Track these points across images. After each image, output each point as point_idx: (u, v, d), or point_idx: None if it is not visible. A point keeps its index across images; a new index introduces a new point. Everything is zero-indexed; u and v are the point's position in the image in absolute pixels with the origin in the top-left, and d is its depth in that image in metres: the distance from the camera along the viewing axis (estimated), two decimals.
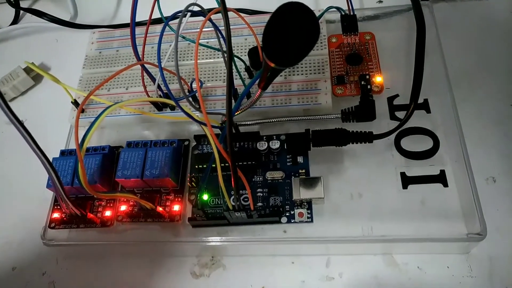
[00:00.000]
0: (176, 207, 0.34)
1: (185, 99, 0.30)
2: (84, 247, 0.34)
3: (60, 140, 0.38)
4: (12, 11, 0.50)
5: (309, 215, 0.32)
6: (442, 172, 0.32)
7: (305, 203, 0.32)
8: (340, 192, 0.33)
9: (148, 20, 0.33)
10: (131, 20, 0.30)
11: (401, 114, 0.34)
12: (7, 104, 0.24)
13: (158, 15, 0.33)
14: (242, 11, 0.43)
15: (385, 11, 0.41)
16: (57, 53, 0.47)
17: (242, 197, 0.33)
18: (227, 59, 0.25)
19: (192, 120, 0.29)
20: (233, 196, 0.30)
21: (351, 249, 0.32)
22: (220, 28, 0.31)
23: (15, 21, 0.51)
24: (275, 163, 0.34)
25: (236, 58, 0.35)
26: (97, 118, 0.28)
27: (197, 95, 0.34)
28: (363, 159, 0.34)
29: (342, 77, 0.36)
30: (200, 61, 0.39)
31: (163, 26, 0.31)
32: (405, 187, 0.32)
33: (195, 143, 0.35)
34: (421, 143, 0.33)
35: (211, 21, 0.29)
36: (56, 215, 0.35)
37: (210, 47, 0.37)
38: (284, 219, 0.32)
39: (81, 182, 0.28)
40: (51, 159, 0.28)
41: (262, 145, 0.33)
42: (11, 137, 0.42)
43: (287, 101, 0.35)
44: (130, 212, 0.34)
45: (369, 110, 0.33)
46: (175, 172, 0.34)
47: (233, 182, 0.28)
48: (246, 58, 0.37)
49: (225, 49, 0.28)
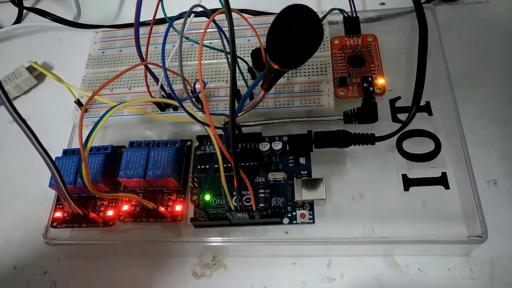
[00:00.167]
0: (178, 207, 0.34)
1: (188, 100, 0.30)
2: (85, 246, 0.34)
3: (63, 139, 0.38)
4: (16, 10, 0.50)
5: (311, 216, 0.32)
6: (444, 174, 0.32)
7: (307, 204, 0.32)
8: (342, 193, 0.33)
9: (152, 21, 0.33)
10: (135, 21, 0.31)
11: (403, 116, 0.34)
12: (10, 103, 0.24)
13: (161, 15, 0.33)
14: (246, 12, 0.43)
15: (388, 13, 0.41)
16: (60, 52, 0.47)
17: (244, 198, 0.33)
18: (230, 60, 0.25)
19: (195, 120, 0.29)
20: (235, 197, 0.30)
21: (352, 251, 0.32)
22: (224, 29, 0.31)
23: (18, 20, 0.51)
24: (277, 164, 0.34)
25: (239, 59, 0.35)
26: (101, 118, 0.28)
27: (200, 95, 0.34)
28: (365, 160, 0.34)
29: (344, 79, 0.36)
30: (203, 61, 0.39)
31: (168, 26, 0.31)
32: (406, 189, 0.33)
33: (197, 143, 0.35)
34: (422, 145, 0.33)
35: (214, 22, 0.29)
36: (58, 214, 0.35)
37: (214, 48, 0.37)
38: (286, 220, 0.32)
39: (84, 181, 0.28)
40: (53, 158, 0.28)
41: (264, 146, 0.33)
42: (13, 136, 0.42)
43: (290, 103, 0.36)
44: (132, 212, 0.34)
45: (371, 112, 0.33)
46: (178, 172, 0.34)
47: (235, 182, 0.28)
48: (249, 59, 0.37)
49: (228, 50, 0.28)
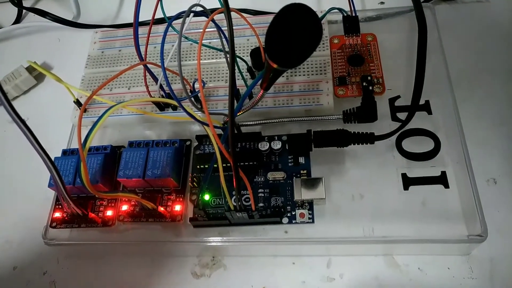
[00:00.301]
0: (178, 207, 0.34)
1: (187, 99, 0.30)
2: (85, 246, 0.34)
3: (62, 139, 0.38)
4: (15, 10, 0.50)
5: (310, 216, 0.32)
6: (443, 174, 0.32)
7: (306, 204, 0.32)
8: (341, 193, 0.33)
9: (151, 20, 0.33)
10: (134, 20, 0.30)
11: (402, 115, 0.34)
12: (9, 103, 0.24)
13: (160, 15, 0.33)
14: (245, 12, 0.43)
15: (387, 12, 0.41)
16: (60, 52, 0.47)
17: (243, 198, 0.33)
18: (229, 59, 0.25)
19: (194, 120, 0.29)
20: (234, 197, 0.30)
21: (352, 250, 0.32)
22: (223, 28, 0.31)
23: (18, 20, 0.51)
24: (277, 164, 0.34)
25: (238, 59, 0.35)
26: (100, 118, 0.28)
27: (199, 95, 0.34)
28: (364, 160, 0.34)
29: (343, 78, 0.36)
30: (203, 61, 0.39)
31: (167, 26, 0.31)
32: (406, 188, 0.32)
33: (197, 143, 0.35)
34: (422, 145, 0.33)
35: (213, 21, 0.29)
36: (57, 214, 0.35)
37: (213, 48, 0.37)
38: (285, 220, 0.32)
39: (83, 181, 0.28)
40: (53, 158, 0.28)
41: (263, 146, 0.33)
42: (13, 136, 0.42)
43: (289, 102, 0.35)
44: (132, 212, 0.34)
45: (371, 111, 0.33)
46: (177, 172, 0.34)
47: (234, 182, 0.28)
48: (248, 59, 0.37)
49: (227, 49, 0.28)
